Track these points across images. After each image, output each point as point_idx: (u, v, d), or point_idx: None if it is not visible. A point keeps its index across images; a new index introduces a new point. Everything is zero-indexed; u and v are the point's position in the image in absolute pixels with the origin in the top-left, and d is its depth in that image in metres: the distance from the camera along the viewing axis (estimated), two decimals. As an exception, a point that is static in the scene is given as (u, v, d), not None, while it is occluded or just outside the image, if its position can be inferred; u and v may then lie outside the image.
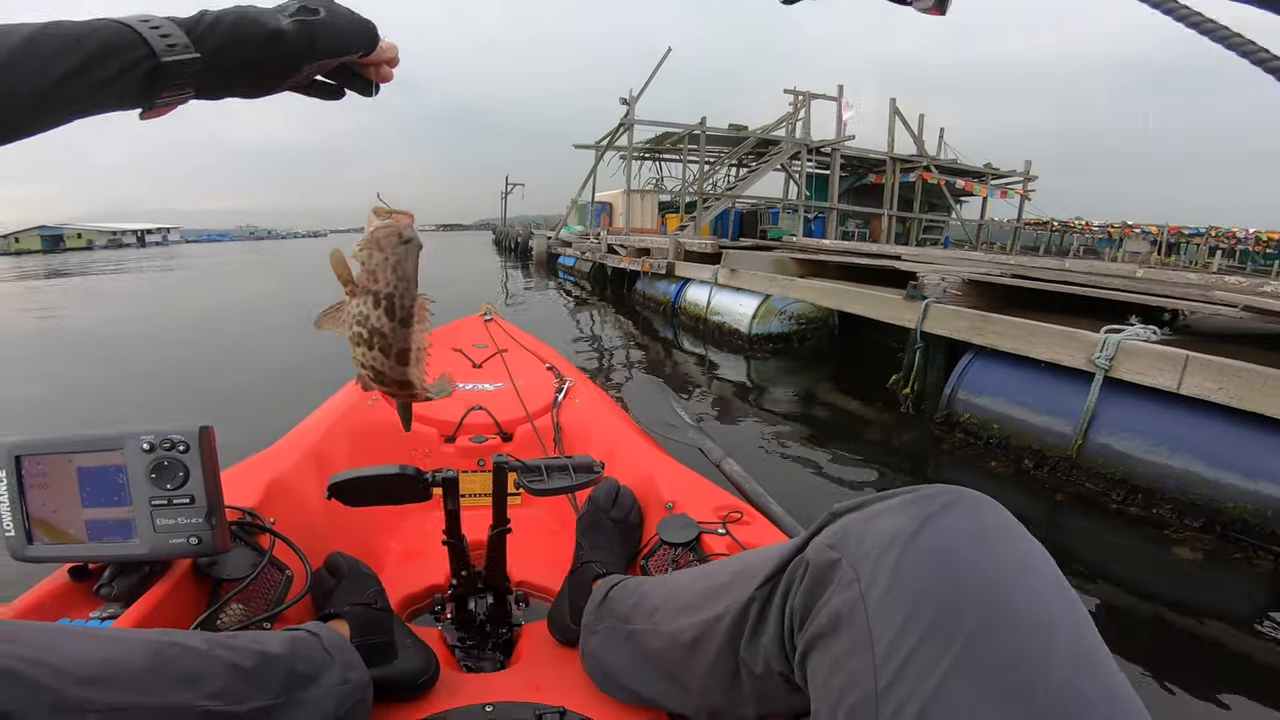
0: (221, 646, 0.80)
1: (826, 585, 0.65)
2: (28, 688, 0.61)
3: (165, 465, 0.97)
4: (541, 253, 21.34)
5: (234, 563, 1.08)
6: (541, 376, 2.24)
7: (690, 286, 9.12)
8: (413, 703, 1.02)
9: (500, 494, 1.17)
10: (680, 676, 0.88)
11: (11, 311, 13.31)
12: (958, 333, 4.53)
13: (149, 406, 5.46)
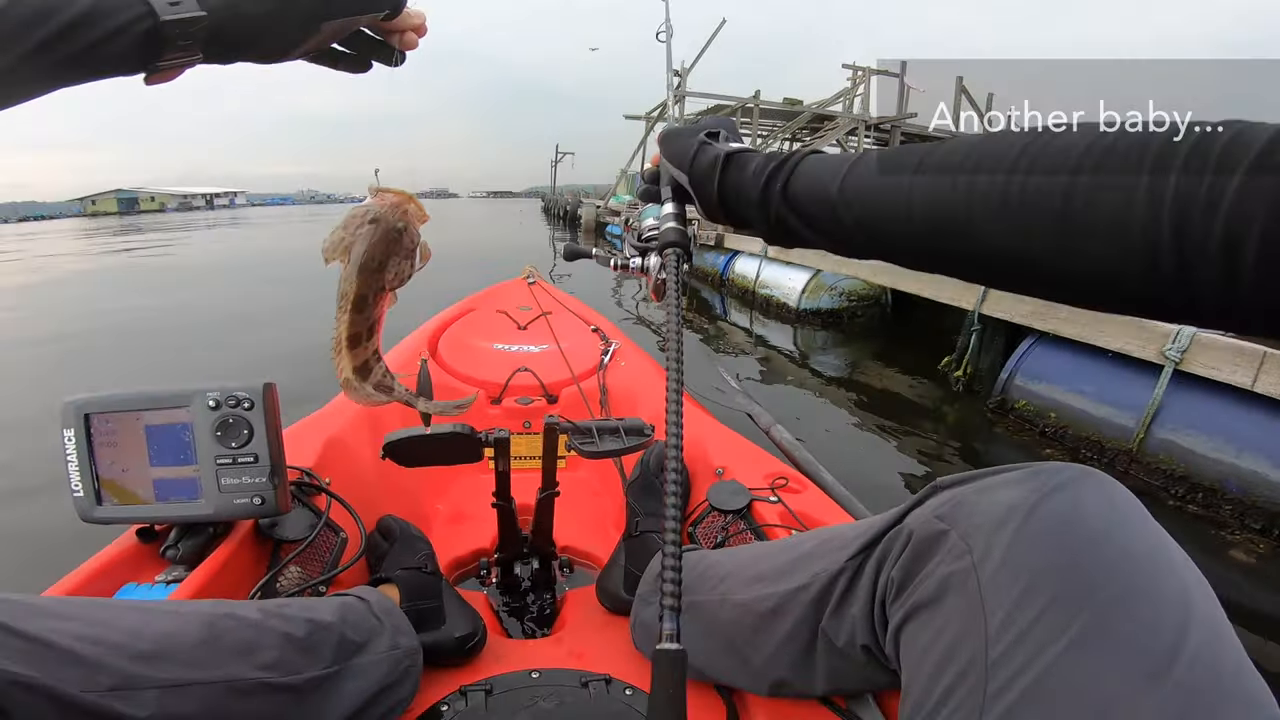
0: (274, 616, 0.81)
1: (931, 556, 0.64)
2: (88, 668, 0.63)
3: (230, 423, 0.98)
4: (590, 221, 21.32)
5: (293, 524, 1.09)
6: (587, 339, 2.22)
7: (739, 258, 9.01)
8: (460, 668, 1.03)
9: (550, 456, 1.17)
10: (743, 649, 0.87)
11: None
12: (1019, 317, 4.38)
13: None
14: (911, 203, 0.51)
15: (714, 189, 0.70)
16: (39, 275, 13.05)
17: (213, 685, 0.71)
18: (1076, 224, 0.42)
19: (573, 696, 0.97)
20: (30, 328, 7.50)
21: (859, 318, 7.25)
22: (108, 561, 0.99)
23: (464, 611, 1.07)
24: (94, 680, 0.62)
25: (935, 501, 0.68)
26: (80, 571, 0.95)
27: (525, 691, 0.98)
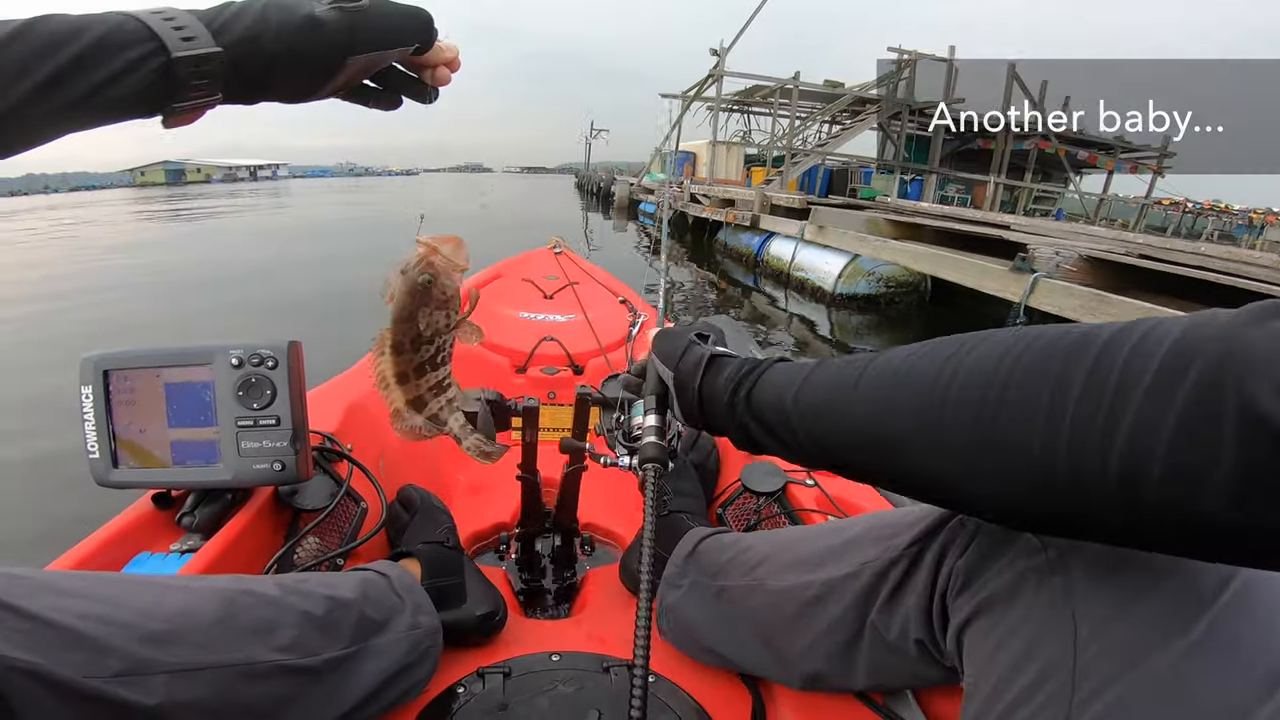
0: (293, 593, 0.78)
1: (1005, 551, 0.59)
2: (94, 651, 0.60)
3: (253, 382, 0.94)
4: (623, 198, 21.32)
5: (313, 492, 1.06)
6: (614, 309, 2.18)
7: (775, 240, 8.94)
8: (479, 648, 1.00)
9: (581, 428, 1.11)
10: (777, 638, 0.84)
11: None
12: (1069, 311, 4.27)
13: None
14: (853, 418, 0.54)
15: (695, 390, 0.71)
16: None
17: (226, 669, 0.68)
18: (985, 444, 0.44)
19: (593, 681, 0.94)
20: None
21: (897, 304, 7.13)
22: (121, 529, 0.96)
23: (485, 590, 1.03)
24: (100, 664, 0.59)
25: None
26: (93, 539, 0.92)
27: (544, 675, 0.94)
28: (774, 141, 19.86)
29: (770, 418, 0.63)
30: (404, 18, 0.62)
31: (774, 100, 19.41)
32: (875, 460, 0.53)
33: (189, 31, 0.53)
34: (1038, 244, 5.11)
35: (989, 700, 0.54)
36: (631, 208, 20.16)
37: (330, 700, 0.77)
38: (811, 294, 7.61)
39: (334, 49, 0.58)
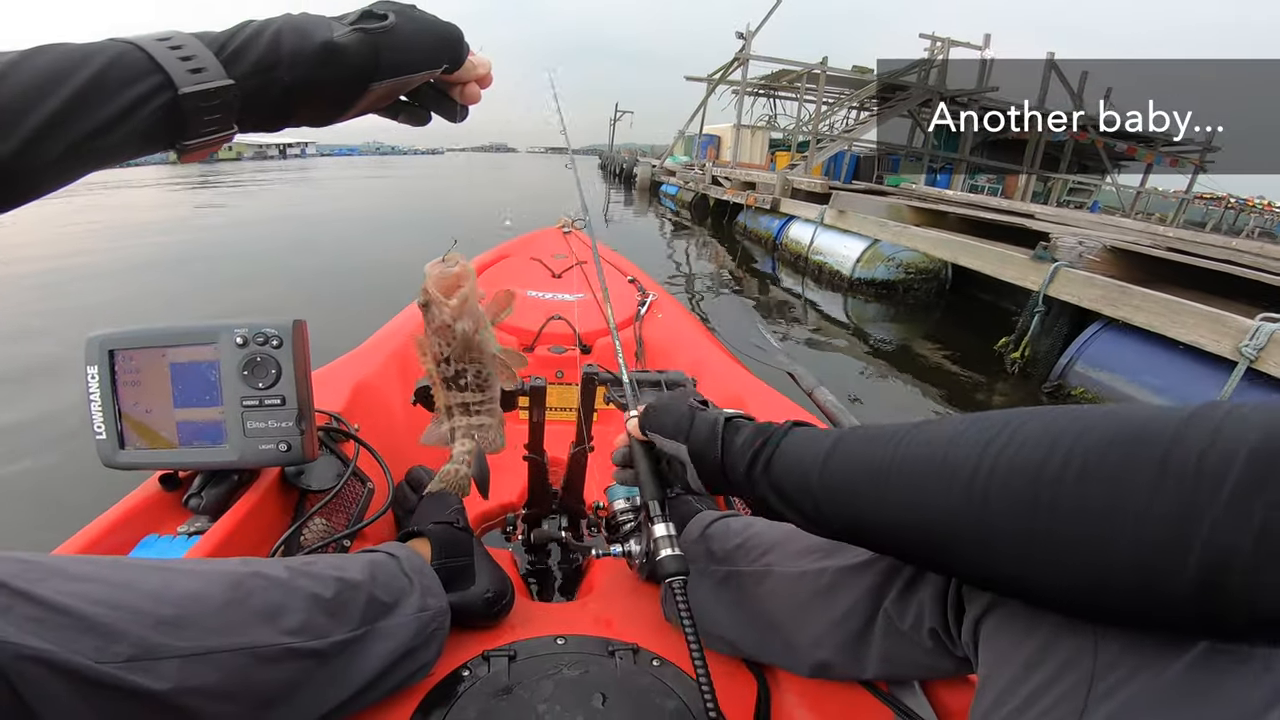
0: (302, 575, 0.77)
1: None
2: (105, 636, 0.59)
3: (258, 361, 0.94)
4: (645, 180, 21.21)
5: (319, 473, 1.05)
6: (623, 289, 2.16)
7: (794, 224, 8.86)
8: (484, 630, 0.98)
9: (588, 408, 1.10)
10: (786, 625, 0.82)
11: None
12: (1088, 301, 4.16)
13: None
14: (887, 506, 0.53)
15: (718, 455, 0.70)
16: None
17: (237, 652, 0.67)
18: (1038, 541, 0.44)
19: (598, 665, 0.92)
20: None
21: (916, 290, 7.01)
22: (128, 511, 0.95)
23: (494, 572, 1.02)
24: (111, 650, 0.58)
25: None
26: (100, 522, 0.91)
27: (549, 658, 0.93)
28: (799, 126, 19.66)
29: (793, 492, 0.61)
30: (432, 38, 0.58)
31: (800, 85, 19.19)
32: (914, 549, 0.53)
33: (197, 62, 0.49)
34: (1061, 233, 4.99)
35: (1005, 692, 0.54)
36: (653, 189, 20.11)
37: (338, 682, 0.77)
38: (829, 279, 7.53)
39: (355, 77, 0.55)
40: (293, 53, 0.51)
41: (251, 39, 0.51)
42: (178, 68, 0.47)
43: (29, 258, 6.92)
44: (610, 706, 0.86)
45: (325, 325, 1.10)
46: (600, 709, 0.86)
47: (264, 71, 0.51)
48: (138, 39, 0.48)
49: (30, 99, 0.43)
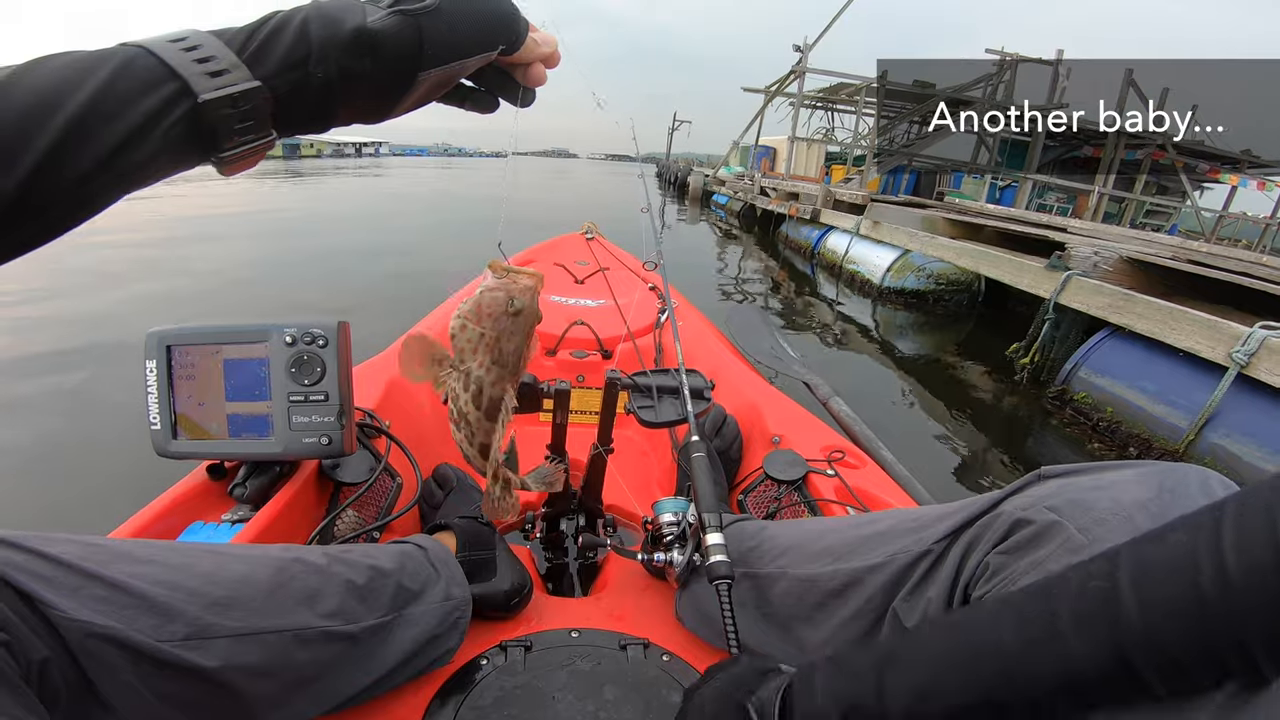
0: (339, 562, 0.78)
1: (1037, 547, 0.59)
2: (164, 616, 0.60)
3: (305, 360, 0.95)
4: (697, 188, 21.06)
5: (354, 467, 1.06)
6: (644, 296, 2.13)
7: (832, 234, 8.74)
8: (503, 621, 0.99)
9: (609, 411, 1.09)
10: (798, 625, 0.82)
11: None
12: (1095, 309, 4.07)
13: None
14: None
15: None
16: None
17: (280, 634, 0.68)
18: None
19: (610, 658, 0.93)
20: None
21: (946, 301, 6.85)
22: (178, 498, 0.97)
23: (514, 566, 1.03)
24: (168, 629, 0.60)
25: (1041, 490, 0.63)
26: (150, 509, 0.93)
27: (563, 650, 0.93)
28: (856, 140, 19.20)
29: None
30: (484, 18, 0.49)
31: (859, 98, 18.75)
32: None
33: (217, 64, 0.41)
34: (1078, 243, 4.94)
35: None
36: (705, 198, 19.98)
37: (366, 665, 0.77)
38: (860, 287, 7.42)
39: (399, 67, 0.47)
40: (323, 43, 0.43)
41: (276, 32, 0.43)
42: (195, 71, 0.40)
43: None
44: (620, 698, 0.86)
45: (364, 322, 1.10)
46: (610, 700, 0.86)
47: (294, 68, 0.43)
48: (148, 42, 0.41)
49: (31, 121, 0.36)
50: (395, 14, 0.45)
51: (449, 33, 0.47)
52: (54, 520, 2.13)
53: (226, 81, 0.41)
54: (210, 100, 0.41)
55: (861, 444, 1.51)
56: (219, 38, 0.42)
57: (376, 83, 0.46)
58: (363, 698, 0.78)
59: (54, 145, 0.37)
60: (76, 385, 3.27)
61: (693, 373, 1.07)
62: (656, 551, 0.98)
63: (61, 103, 0.37)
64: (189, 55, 0.41)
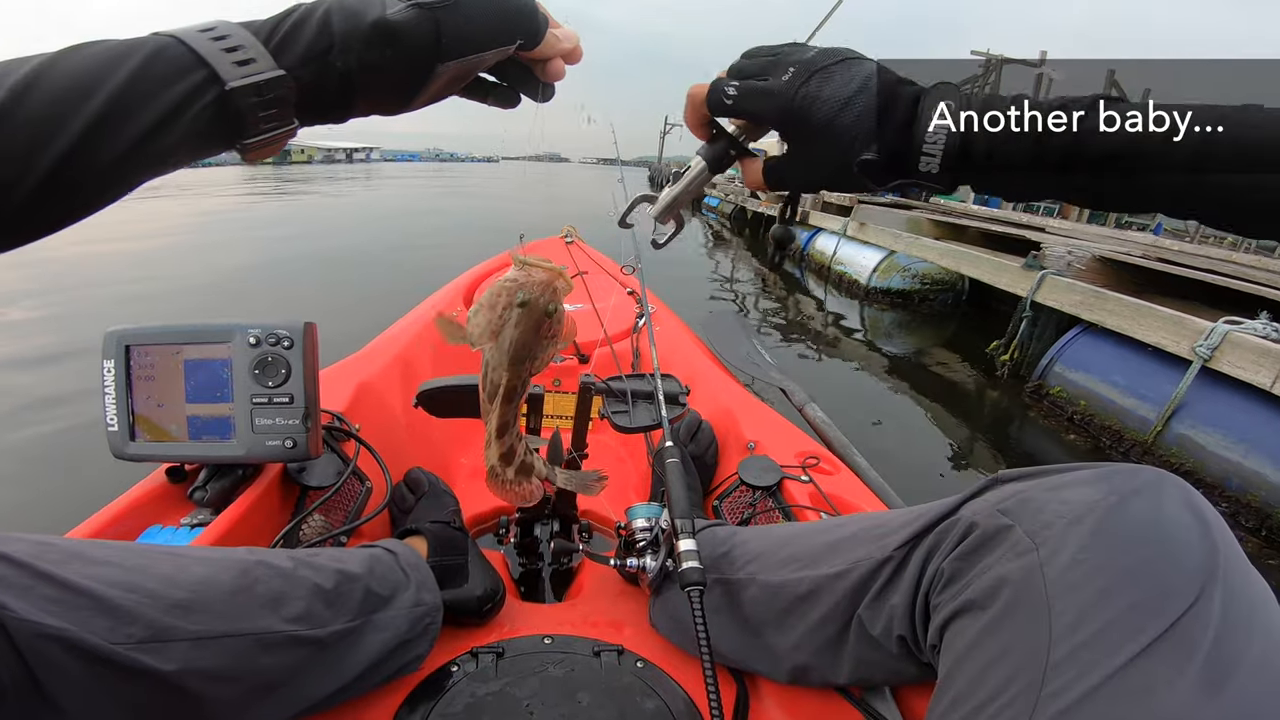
0: (305, 566, 0.77)
1: (989, 552, 0.58)
2: (120, 618, 0.58)
3: (269, 361, 0.92)
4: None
5: (320, 470, 1.04)
6: (622, 300, 2.10)
7: (820, 236, 8.77)
8: (475, 628, 0.97)
9: (583, 417, 1.07)
10: (767, 632, 0.81)
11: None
12: (1068, 306, 4.24)
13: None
14: None
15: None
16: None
17: (242, 638, 0.66)
18: None
19: (583, 665, 0.91)
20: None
21: (931, 301, 6.90)
22: (134, 502, 0.94)
23: (486, 571, 1.00)
24: (124, 631, 0.57)
25: (996, 495, 0.62)
26: (106, 512, 0.90)
27: (536, 657, 0.91)
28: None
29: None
30: (502, 12, 0.49)
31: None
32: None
33: (244, 53, 0.42)
34: (1053, 243, 5.11)
35: (962, 694, 0.53)
36: (696, 202, 19.96)
37: (334, 670, 0.76)
38: (848, 288, 7.46)
39: (417, 59, 0.47)
40: (344, 35, 0.44)
41: (300, 24, 0.44)
42: (223, 60, 0.41)
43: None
44: (593, 704, 0.85)
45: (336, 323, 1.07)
46: (583, 706, 0.84)
47: (316, 58, 0.44)
48: (179, 31, 0.42)
49: (68, 104, 0.38)
50: (413, 7, 0.45)
51: (466, 25, 0.47)
52: (2, 523, 2.10)
53: (253, 70, 0.42)
54: (237, 88, 0.42)
55: (836, 450, 1.49)
56: (246, 28, 0.44)
57: (395, 74, 0.47)
58: (328, 704, 0.76)
59: (90, 126, 0.38)
60: (29, 384, 3.27)
61: (668, 378, 1.06)
62: (630, 557, 0.96)
63: (97, 87, 0.38)
64: (218, 45, 0.42)
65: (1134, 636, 0.45)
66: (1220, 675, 0.43)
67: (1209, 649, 0.44)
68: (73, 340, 3.92)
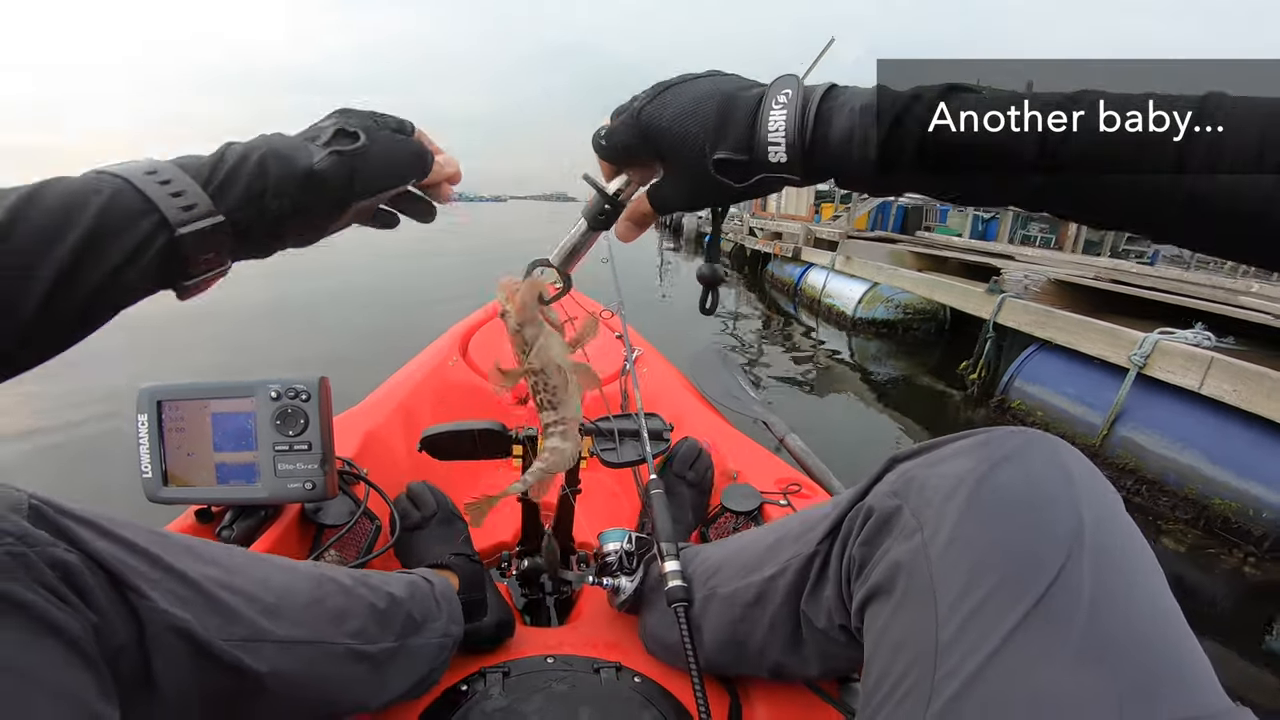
0: (362, 585, 0.78)
1: (886, 535, 0.57)
2: (226, 616, 0.59)
3: (289, 413, 0.96)
4: (691, 230, 21.04)
5: (334, 511, 1.07)
6: (610, 344, 2.09)
7: (812, 271, 8.80)
8: (485, 653, 0.99)
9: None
10: (736, 638, 0.81)
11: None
12: (1024, 325, 4.42)
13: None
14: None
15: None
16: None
17: (315, 645, 0.68)
18: None
19: (585, 681, 0.93)
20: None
21: (914, 330, 6.96)
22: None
23: (500, 604, 1.03)
24: (230, 629, 0.59)
25: (891, 476, 0.61)
26: None
27: (540, 675, 0.93)
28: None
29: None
30: (400, 155, 0.53)
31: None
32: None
33: (187, 199, 0.43)
34: (1011, 268, 5.41)
35: (875, 685, 0.52)
36: (698, 240, 19.97)
37: (376, 686, 0.76)
38: (836, 319, 7.52)
39: (337, 199, 0.50)
40: (278, 180, 0.46)
41: (236, 169, 0.45)
42: (171, 206, 0.42)
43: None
44: (594, 718, 0.86)
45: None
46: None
47: (252, 203, 0.45)
48: (126, 173, 0.42)
49: (43, 252, 0.38)
50: (333, 155, 0.48)
51: (374, 171, 0.51)
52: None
53: (196, 215, 0.43)
54: (185, 234, 0.42)
55: (815, 476, 1.52)
56: (185, 170, 0.44)
57: (319, 213, 0.49)
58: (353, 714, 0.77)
59: (70, 261, 0.38)
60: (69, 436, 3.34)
61: (652, 416, 1.09)
62: (604, 577, 0.99)
63: (68, 227, 0.38)
64: (164, 189, 0.42)
65: (1006, 614, 0.44)
66: (1099, 645, 0.41)
67: (1085, 619, 0.42)
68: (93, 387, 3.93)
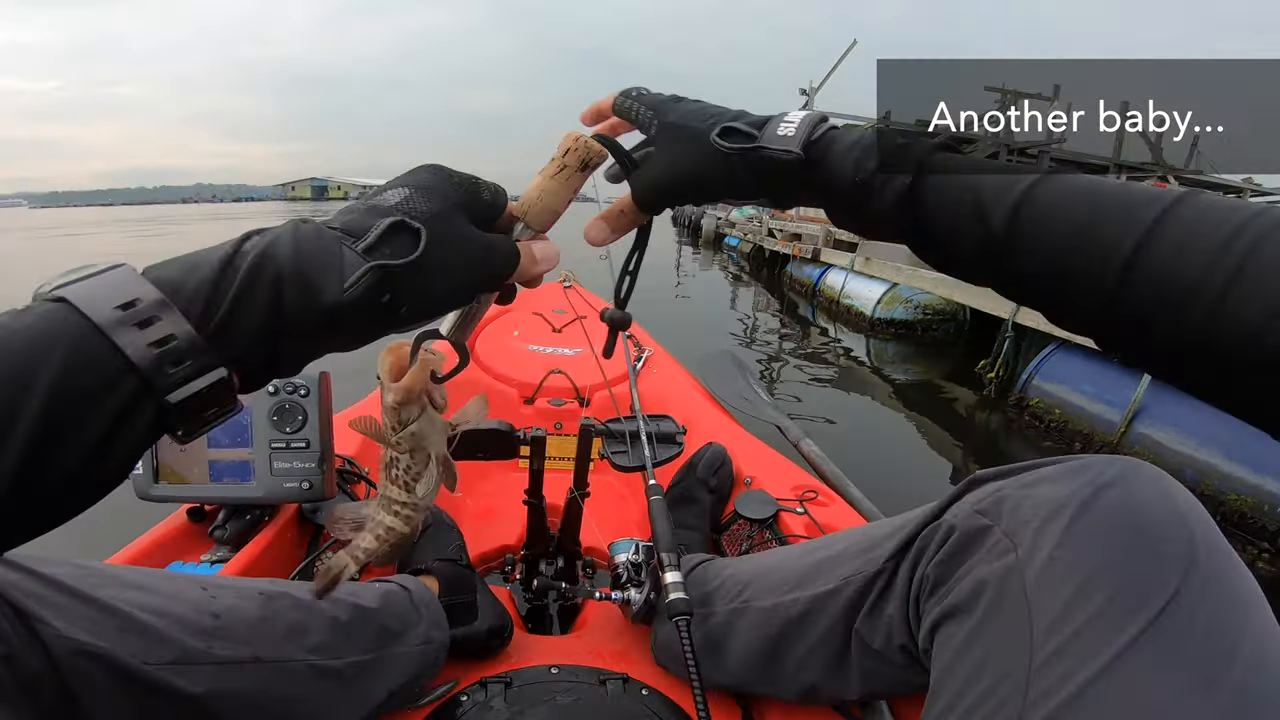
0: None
1: (971, 553, 0.55)
2: (152, 640, 0.58)
3: (286, 408, 0.93)
4: (710, 232, 20.91)
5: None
6: (620, 344, 2.08)
7: (830, 271, 8.72)
8: (484, 661, 0.94)
9: (584, 459, 1.05)
10: (769, 656, 0.77)
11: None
12: (1043, 325, 4.31)
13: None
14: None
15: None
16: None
17: (265, 664, 0.65)
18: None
19: (589, 693, 0.87)
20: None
21: (934, 330, 6.84)
22: (157, 539, 0.94)
23: (494, 608, 0.98)
24: (156, 652, 0.57)
25: (975, 496, 0.59)
26: (130, 549, 0.90)
27: (543, 686, 0.88)
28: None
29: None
30: (474, 266, 0.41)
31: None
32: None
33: (176, 347, 0.31)
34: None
35: (950, 704, 0.50)
36: (717, 241, 19.83)
37: (348, 701, 0.74)
38: (854, 320, 7.43)
39: (370, 330, 0.38)
40: (297, 317, 0.34)
41: (242, 299, 0.33)
42: (152, 362, 0.30)
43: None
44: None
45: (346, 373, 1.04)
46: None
47: (264, 344, 0.34)
48: (89, 306, 0.30)
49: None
50: (375, 270, 0.35)
51: (429, 289, 0.38)
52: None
53: (190, 373, 0.31)
54: (174, 403, 0.31)
55: (831, 482, 1.45)
56: (174, 298, 0.32)
57: (352, 345, 0.39)
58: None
59: (18, 465, 0.28)
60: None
61: (665, 418, 1.06)
62: (615, 590, 0.94)
63: (17, 413, 0.28)
64: (142, 336, 0.30)
65: (1115, 635, 0.42)
66: (1214, 670, 0.40)
67: (1200, 642, 0.41)
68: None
